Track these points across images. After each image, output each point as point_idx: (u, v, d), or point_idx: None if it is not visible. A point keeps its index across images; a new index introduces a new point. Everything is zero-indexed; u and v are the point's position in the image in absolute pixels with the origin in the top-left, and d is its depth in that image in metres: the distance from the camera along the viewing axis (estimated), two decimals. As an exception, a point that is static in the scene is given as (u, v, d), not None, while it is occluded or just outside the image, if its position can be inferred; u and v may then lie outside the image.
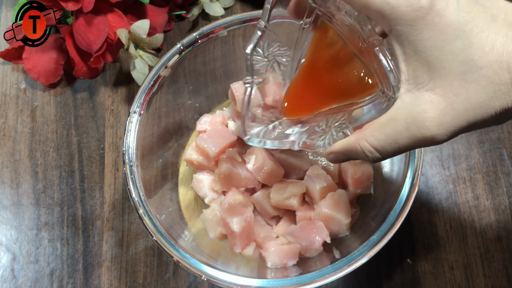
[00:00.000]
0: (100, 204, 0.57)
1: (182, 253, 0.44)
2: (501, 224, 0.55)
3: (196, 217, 0.53)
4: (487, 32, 0.28)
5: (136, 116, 0.48)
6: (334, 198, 0.48)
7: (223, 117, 0.55)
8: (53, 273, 0.55)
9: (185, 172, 0.56)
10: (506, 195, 0.56)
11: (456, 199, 0.56)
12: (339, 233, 0.50)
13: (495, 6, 0.28)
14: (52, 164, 0.59)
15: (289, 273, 0.47)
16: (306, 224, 0.49)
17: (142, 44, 0.57)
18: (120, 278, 0.54)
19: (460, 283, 0.53)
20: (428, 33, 0.28)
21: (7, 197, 0.58)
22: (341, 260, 0.43)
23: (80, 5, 0.54)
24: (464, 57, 0.27)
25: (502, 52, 0.27)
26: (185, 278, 0.54)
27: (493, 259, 0.54)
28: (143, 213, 0.45)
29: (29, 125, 0.60)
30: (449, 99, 0.28)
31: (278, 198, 0.49)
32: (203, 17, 0.65)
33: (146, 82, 0.49)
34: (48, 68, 0.59)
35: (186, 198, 0.54)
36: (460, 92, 0.28)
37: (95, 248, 0.55)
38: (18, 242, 0.56)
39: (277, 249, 0.48)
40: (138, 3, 0.59)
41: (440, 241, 0.54)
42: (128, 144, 0.47)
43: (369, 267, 0.53)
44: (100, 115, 0.61)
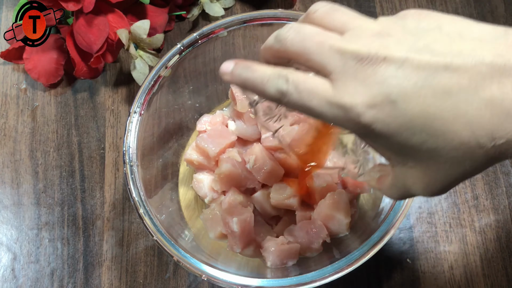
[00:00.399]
0: (101, 204, 0.57)
1: (182, 252, 0.44)
2: (501, 224, 0.55)
3: (196, 217, 0.53)
4: (444, 119, 0.27)
5: (136, 116, 0.48)
6: (334, 198, 0.49)
7: (223, 117, 0.55)
8: (53, 272, 0.55)
9: (185, 172, 0.56)
10: (506, 195, 0.56)
11: (456, 199, 0.56)
12: (339, 233, 0.50)
13: (448, 82, 0.27)
14: (52, 164, 0.59)
15: (289, 273, 0.47)
16: (306, 224, 0.49)
17: (143, 44, 0.57)
18: (121, 278, 0.54)
19: (459, 283, 0.53)
20: (384, 139, 0.28)
21: (7, 197, 0.58)
22: (341, 260, 0.43)
23: (80, 5, 0.54)
24: (427, 147, 0.28)
25: (467, 134, 0.27)
26: (185, 278, 0.54)
27: (492, 259, 0.54)
28: (143, 213, 0.45)
29: (29, 125, 0.61)
30: (430, 176, 0.29)
31: (278, 198, 0.49)
32: (203, 17, 0.65)
33: (147, 82, 0.49)
34: (48, 68, 0.60)
35: (186, 198, 0.55)
36: (437, 171, 0.29)
37: (95, 247, 0.55)
38: (18, 241, 0.56)
39: (277, 249, 0.48)
40: (139, 4, 0.60)
41: (440, 241, 0.54)
42: (129, 144, 0.47)
43: (369, 267, 0.53)
44: (101, 115, 0.61)
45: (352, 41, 0.29)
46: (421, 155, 0.28)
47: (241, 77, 0.33)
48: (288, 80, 0.30)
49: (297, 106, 0.30)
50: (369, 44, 0.28)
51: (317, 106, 0.29)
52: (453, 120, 0.26)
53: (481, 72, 0.26)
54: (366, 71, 0.27)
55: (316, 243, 0.49)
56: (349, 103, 0.28)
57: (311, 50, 0.29)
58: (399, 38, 0.28)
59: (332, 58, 0.29)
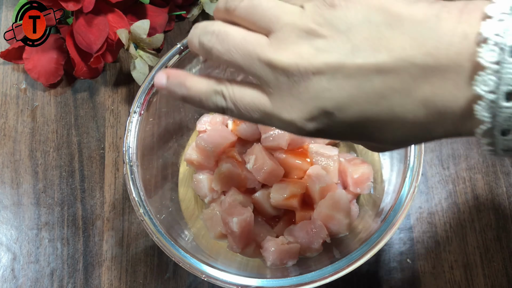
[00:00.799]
0: (100, 204, 0.57)
1: (182, 253, 0.44)
2: (501, 224, 0.55)
3: (196, 217, 0.53)
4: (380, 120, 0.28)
5: (136, 116, 0.48)
6: (334, 198, 0.49)
7: (223, 117, 0.55)
8: (53, 273, 0.55)
9: (185, 172, 0.56)
10: (506, 195, 0.56)
11: (456, 199, 0.56)
12: (339, 233, 0.50)
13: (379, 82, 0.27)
14: (52, 164, 0.59)
15: (289, 273, 0.47)
16: (306, 224, 0.49)
17: (142, 44, 0.57)
18: (120, 278, 0.54)
19: (459, 283, 0.53)
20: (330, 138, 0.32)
21: (7, 197, 0.58)
22: (341, 260, 0.43)
23: (80, 5, 0.54)
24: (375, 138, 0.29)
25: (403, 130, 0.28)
26: (185, 278, 0.54)
27: (492, 259, 0.54)
28: (143, 213, 0.45)
29: (29, 125, 0.61)
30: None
31: (278, 198, 0.49)
32: (203, 17, 0.65)
33: (146, 82, 0.49)
34: (48, 68, 0.60)
35: (186, 198, 0.54)
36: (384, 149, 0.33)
37: (95, 248, 0.55)
38: (18, 242, 0.56)
39: (277, 249, 0.48)
40: (138, 3, 0.60)
41: (440, 241, 0.54)
42: (128, 144, 0.47)
43: (369, 267, 0.53)
44: (100, 115, 0.61)
45: (281, 48, 0.28)
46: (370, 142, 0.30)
47: (178, 95, 0.32)
48: (225, 97, 0.30)
49: (241, 118, 0.31)
50: (298, 53, 0.27)
51: (259, 119, 0.30)
52: (390, 122, 0.27)
53: (412, 74, 0.25)
54: (299, 87, 0.27)
55: (316, 243, 0.49)
56: (288, 118, 0.28)
57: (240, 63, 0.29)
58: (327, 40, 0.27)
59: (263, 71, 0.28)
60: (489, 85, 0.24)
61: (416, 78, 0.25)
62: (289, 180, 0.51)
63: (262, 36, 0.29)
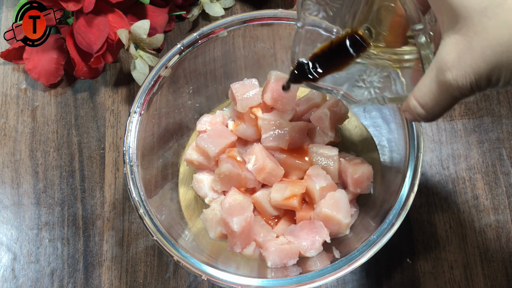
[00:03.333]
0: (101, 204, 0.57)
1: (182, 252, 0.44)
2: (501, 223, 0.55)
3: (196, 217, 0.53)
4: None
5: (136, 116, 0.48)
6: (334, 198, 0.49)
7: (223, 117, 0.55)
8: (53, 272, 0.55)
9: (185, 172, 0.56)
10: (506, 195, 0.56)
11: (456, 199, 0.56)
12: (339, 233, 0.50)
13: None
14: (52, 164, 0.59)
15: (289, 273, 0.47)
16: (306, 224, 0.49)
17: (143, 45, 0.57)
18: (121, 278, 0.54)
19: (459, 283, 0.53)
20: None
21: (7, 197, 0.58)
22: (341, 259, 0.43)
23: (80, 5, 0.54)
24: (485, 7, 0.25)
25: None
26: (185, 278, 0.54)
27: (492, 259, 0.54)
28: (144, 213, 0.45)
29: (29, 125, 0.61)
30: (469, 38, 0.26)
31: (278, 198, 0.49)
32: (203, 17, 0.65)
33: (147, 82, 0.49)
34: (48, 68, 0.60)
35: (186, 198, 0.55)
36: (479, 30, 0.25)
37: (95, 247, 0.55)
38: (18, 241, 0.56)
39: (277, 248, 0.48)
40: (139, 4, 0.60)
41: (440, 241, 0.54)
42: (129, 144, 0.47)
43: (369, 267, 0.53)
44: (101, 115, 0.61)
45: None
46: (474, 4, 0.25)
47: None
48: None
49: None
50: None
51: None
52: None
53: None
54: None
55: (316, 243, 0.49)
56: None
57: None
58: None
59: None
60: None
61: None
62: (289, 180, 0.51)
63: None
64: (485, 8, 0.25)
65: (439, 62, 0.28)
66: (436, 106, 0.29)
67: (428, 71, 0.29)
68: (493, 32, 0.25)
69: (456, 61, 0.26)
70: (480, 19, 0.25)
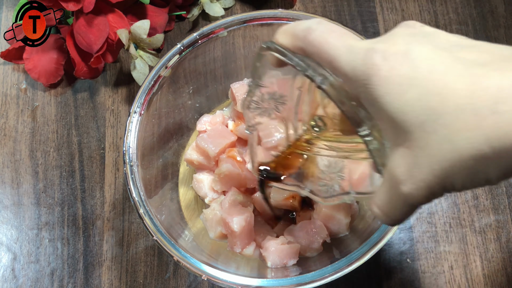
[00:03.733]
0: (101, 204, 0.57)
1: (182, 252, 0.44)
2: (501, 223, 0.55)
3: (196, 217, 0.53)
4: (448, 76, 0.24)
5: (136, 116, 0.48)
6: (334, 198, 0.49)
7: (223, 117, 0.55)
8: (53, 272, 0.55)
9: (185, 172, 0.56)
10: (506, 195, 0.56)
11: (456, 199, 0.56)
12: (339, 233, 0.50)
13: (459, 47, 0.26)
14: (52, 164, 0.59)
15: (289, 273, 0.47)
16: (306, 224, 0.49)
17: (143, 45, 0.57)
18: (121, 278, 0.54)
19: (459, 283, 0.53)
20: (383, 89, 0.26)
21: (7, 197, 0.58)
22: (341, 260, 0.43)
23: (80, 5, 0.54)
24: (421, 106, 0.25)
25: (465, 94, 0.23)
26: (185, 278, 0.54)
27: (492, 259, 0.54)
28: (143, 213, 0.45)
29: (29, 125, 0.61)
30: (415, 153, 0.26)
31: (278, 198, 0.49)
32: (203, 17, 0.65)
33: (147, 82, 0.49)
34: (48, 68, 0.60)
35: (186, 198, 0.55)
36: (422, 145, 0.25)
37: (95, 247, 0.55)
38: (18, 241, 0.56)
39: (277, 248, 0.48)
40: (139, 4, 0.60)
41: (440, 241, 0.54)
42: (129, 144, 0.47)
43: (369, 267, 0.53)
44: (101, 115, 0.61)
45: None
46: (412, 118, 0.25)
47: (278, 31, 0.33)
48: (320, 22, 0.30)
49: (320, 45, 0.29)
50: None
51: (341, 47, 0.28)
52: (455, 80, 0.24)
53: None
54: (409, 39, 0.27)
55: (316, 243, 0.49)
56: (371, 46, 0.27)
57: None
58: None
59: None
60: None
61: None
62: (289, 180, 0.51)
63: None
64: (422, 123, 0.25)
65: (391, 174, 0.27)
66: (398, 214, 0.29)
67: (384, 183, 0.29)
68: (437, 148, 0.24)
69: (407, 175, 0.26)
70: (420, 134, 0.25)
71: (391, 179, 0.28)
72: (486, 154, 0.23)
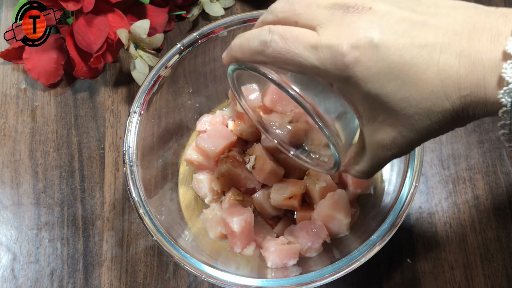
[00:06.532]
0: (100, 204, 0.57)
1: (182, 253, 0.44)
2: (501, 224, 0.55)
3: (196, 217, 0.53)
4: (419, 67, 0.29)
5: (136, 116, 0.48)
6: (334, 198, 0.49)
7: (223, 117, 0.55)
8: (53, 273, 0.55)
9: (185, 172, 0.56)
10: (506, 195, 0.56)
11: (456, 199, 0.56)
12: (339, 233, 0.50)
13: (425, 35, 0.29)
14: (52, 164, 0.59)
15: (289, 273, 0.47)
16: (306, 224, 0.49)
17: (142, 44, 0.57)
18: (120, 278, 0.54)
19: (460, 283, 0.53)
20: (363, 84, 0.30)
21: (7, 197, 0.58)
22: (341, 260, 0.43)
23: (80, 5, 0.54)
24: (400, 96, 0.29)
25: (437, 83, 0.28)
26: (185, 278, 0.54)
27: (492, 259, 0.54)
28: (143, 213, 0.45)
29: (29, 125, 0.61)
30: (397, 129, 0.31)
31: (278, 198, 0.49)
32: (203, 17, 0.65)
33: (146, 82, 0.49)
34: (48, 68, 0.60)
35: (186, 198, 0.54)
36: (405, 123, 0.31)
37: (95, 248, 0.55)
38: (18, 242, 0.56)
39: (277, 249, 0.48)
40: (138, 3, 0.60)
41: (440, 241, 0.54)
42: (128, 144, 0.47)
43: (369, 267, 0.53)
44: (100, 115, 0.61)
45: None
46: (393, 105, 0.30)
47: (231, 48, 0.35)
48: (271, 31, 0.32)
49: (281, 55, 0.31)
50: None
51: (302, 52, 0.31)
52: (426, 69, 0.28)
53: (454, 30, 0.28)
54: (352, 17, 0.30)
55: (316, 243, 0.49)
56: (335, 43, 0.29)
57: (300, 11, 0.32)
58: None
59: (319, 13, 0.31)
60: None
61: (457, 33, 0.28)
62: (289, 180, 0.51)
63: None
64: (404, 108, 0.30)
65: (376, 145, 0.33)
66: (377, 171, 0.37)
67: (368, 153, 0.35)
68: (418, 124, 0.30)
69: (393, 144, 0.32)
70: (403, 116, 0.30)
71: (377, 148, 0.34)
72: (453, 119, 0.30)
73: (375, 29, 0.29)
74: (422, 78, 0.29)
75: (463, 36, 0.28)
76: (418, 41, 0.29)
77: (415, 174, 0.45)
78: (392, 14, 0.29)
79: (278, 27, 0.32)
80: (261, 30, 0.32)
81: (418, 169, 0.45)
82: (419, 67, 0.28)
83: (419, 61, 0.28)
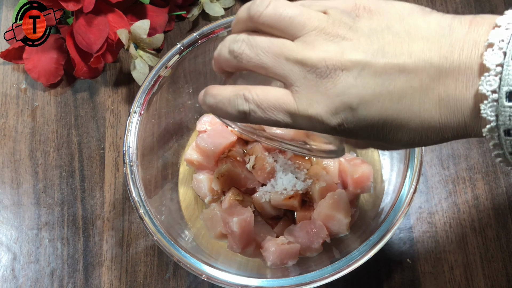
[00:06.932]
0: (101, 204, 0.57)
1: (182, 252, 0.44)
2: (501, 224, 0.55)
3: (196, 217, 0.53)
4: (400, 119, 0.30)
5: (136, 116, 0.48)
6: (334, 198, 0.49)
7: (223, 117, 0.55)
8: (53, 272, 0.55)
9: (185, 172, 0.56)
10: (506, 195, 0.56)
11: (456, 199, 0.56)
12: (339, 233, 0.50)
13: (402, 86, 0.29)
14: (52, 164, 0.59)
15: (289, 273, 0.47)
16: (306, 224, 0.49)
17: (143, 44, 0.57)
18: (120, 278, 0.54)
19: (459, 283, 0.53)
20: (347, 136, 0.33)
21: (7, 197, 0.58)
22: (341, 260, 0.43)
23: (80, 5, 0.54)
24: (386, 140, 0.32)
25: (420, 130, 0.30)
26: (185, 278, 0.54)
27: (492, 259, 0.54)
28: (143, 213, 0.45)
29: (29, 125, 0.61)
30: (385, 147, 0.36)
31: (278, 198, 0.49)
32: (203, 17, 0.65)
33: (147, 82, 0.49)
34: (48, 68, 0.60)
35: (186, 198, 0.55)
36: (391, 148, 0.37)
37: (95, 248, 0.55)
38: (18, 242, 0.56)
39: (277, 249, 0.48)
40: (138, 3, 0.60)
41: (440, 241, 0.54)
42: (129, 144, 0.47)
43: (369, 267, 0.53)
44: (101, 115, 0.61)
45: (308, 48, 0.30)
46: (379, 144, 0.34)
47: (208, 106, 0.34)
48: (248, 99, 0.31)
49: (263, 122, 0.32)
50: (326, 51, 0.29)
51: (282, 119, 0.31)
52: (408, 121, 0.29)
53: (430, 75, 0.28)
54: (327, 84, 0.29)
55: (316, 243, 0.49)
56: (314, 114, 0.30)
57: (269, 65, 0.31)
58: (353, 42, 0.29)
59: (291, 70, 0.30)
60: (492, 85, 0.26)
61: (433, 79, 0.28)
62: (289, 180, 0.51)
63: (287, 40, 0.31)
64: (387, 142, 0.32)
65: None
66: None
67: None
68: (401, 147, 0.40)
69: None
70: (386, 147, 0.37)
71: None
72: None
73: (352, 94, 0.29)
74: (404, 127, 0.30)
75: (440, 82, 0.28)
76: (396, 93, 0.29)
77: (415, 174, 0.45)
78: (366, 69, 0.29)
79: (253, 93, 0.31)
80: (236, 98, 0.32)
81: (418, 169, 0.45)
82: (401, 120, 0.29)
83: (401, 114, 0.29)
